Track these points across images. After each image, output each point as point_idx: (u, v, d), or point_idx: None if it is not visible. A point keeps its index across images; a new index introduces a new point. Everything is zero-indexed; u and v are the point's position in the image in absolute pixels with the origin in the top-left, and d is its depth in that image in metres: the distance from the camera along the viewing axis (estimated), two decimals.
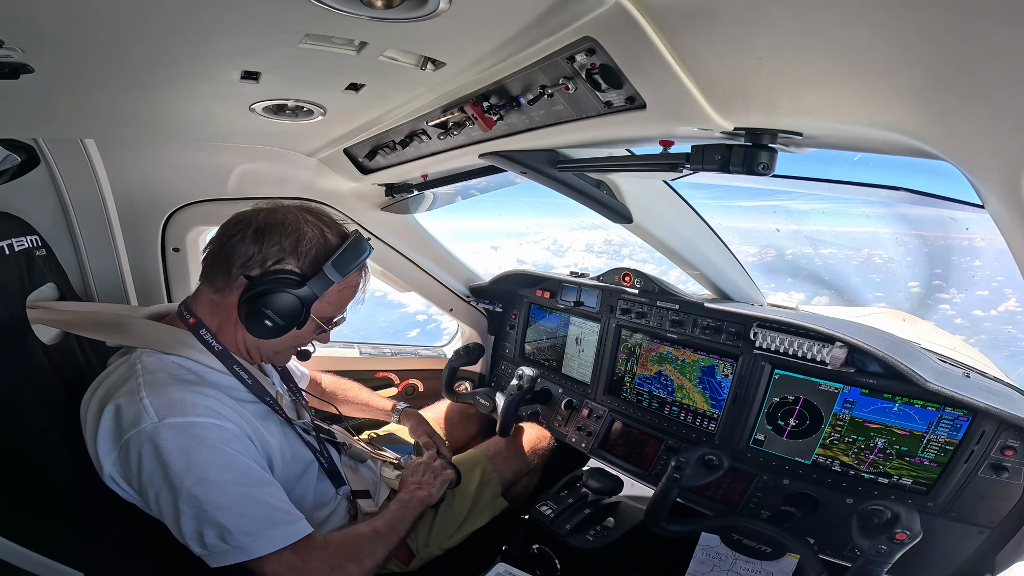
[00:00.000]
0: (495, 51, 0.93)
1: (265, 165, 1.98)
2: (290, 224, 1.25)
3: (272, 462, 1.28)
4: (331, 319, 1.38)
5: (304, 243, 1.25)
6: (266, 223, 1.25)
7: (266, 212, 1.27)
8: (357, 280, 1.37)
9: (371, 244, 1.35)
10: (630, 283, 2.06)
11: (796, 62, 0.72)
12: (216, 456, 1.11)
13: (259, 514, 1.11)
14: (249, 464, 1.16)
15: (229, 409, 1.19)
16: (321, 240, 1.27)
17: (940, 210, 1.38)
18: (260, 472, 1.17)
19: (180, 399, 1.13)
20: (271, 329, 1.23)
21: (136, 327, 1.28)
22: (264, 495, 1.14)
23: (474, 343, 2.52)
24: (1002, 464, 1.34)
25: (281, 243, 1.23)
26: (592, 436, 2.16)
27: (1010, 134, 0.63)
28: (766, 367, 1.72)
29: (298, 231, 1.25)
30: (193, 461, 1.07)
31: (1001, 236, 0.87)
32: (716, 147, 1.00)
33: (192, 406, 1.13)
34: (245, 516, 1.09)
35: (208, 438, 1.11)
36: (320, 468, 1.45)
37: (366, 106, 1.31)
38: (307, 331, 1.33)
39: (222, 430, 1.14)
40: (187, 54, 0.92)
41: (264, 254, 1.23)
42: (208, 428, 1.12)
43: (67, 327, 1.37)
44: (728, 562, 1.50)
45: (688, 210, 1.74)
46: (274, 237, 1.23)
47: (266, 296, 1.20)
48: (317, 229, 1.28)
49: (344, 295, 1.36)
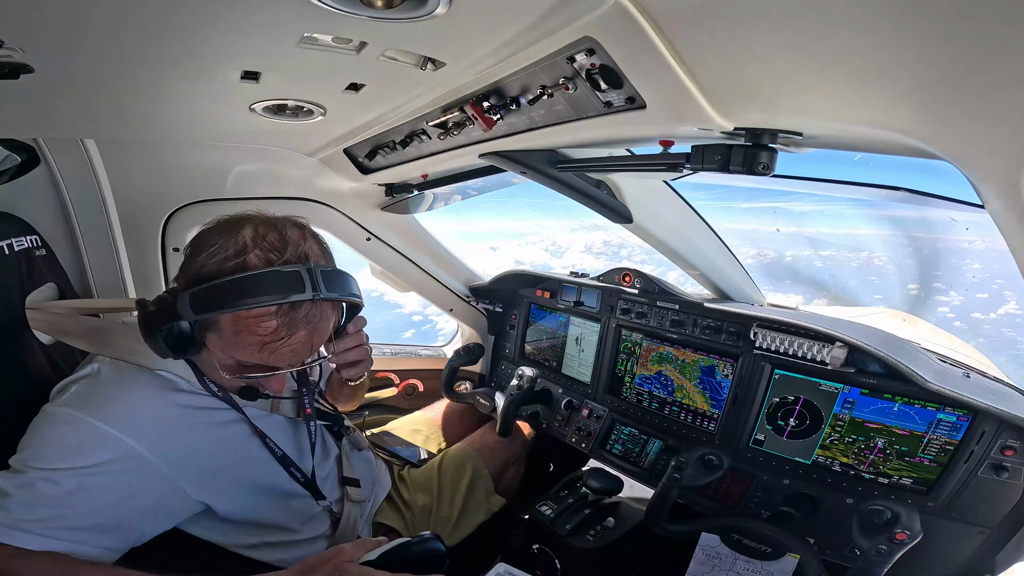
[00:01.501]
0: (495, 51, 0.93)
1: (265, 165, 1.98)
2: (215, 237, 1.10)
3: (218, 471, 1.22)
4: (245, 362, 1.12)
5: (205, 257, 1.08)
6: (202, 232, 1.14)
7: (217, 221, 1.15)
8: (271, 329, 1.06)
9: (319, 290, 1.08)
10: (630, 283, 2.06)
11: (796, 62, 0.72)
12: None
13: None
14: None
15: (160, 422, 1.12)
16: (219, 262, 1.06)
17: (940, 212, 1.38)
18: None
19: (104, 398, 1.09)
20: (161, 352, 1.09)
21: (119, 337, 1.23)
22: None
23: (474, 343, 2.53)
24: (1002, 464, 1.33)
25: (197, 254, 1.10)
26: (592, 436, 2.16)
27: (1010, 134, 0.63)
28: (766, 367, 1.72)
29: (217, 242, 1.08)
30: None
31: (1001, 238, 0.87)
32: (716, 147, 1.00)
33: (109, 412, 1.07)
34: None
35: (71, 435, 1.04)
36: (294, 480, 1.35)
37: (366, 106, 1.31)
38: (221, 365, 1.14)
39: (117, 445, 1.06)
40: (187, 54, 0.92)
41: (189, 263, 1.12)
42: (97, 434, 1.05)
43: (56, 332, 1.33)
44: (728, 562, 1.50)
45: (688, 210, 1.74)
46: (197, 245, 1.11)
47: (145, 316, 1.08)
48: (235, 248, 1.07)
49: (243, 339, 1.08)
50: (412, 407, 2.48)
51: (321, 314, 1.14)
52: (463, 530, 1.75)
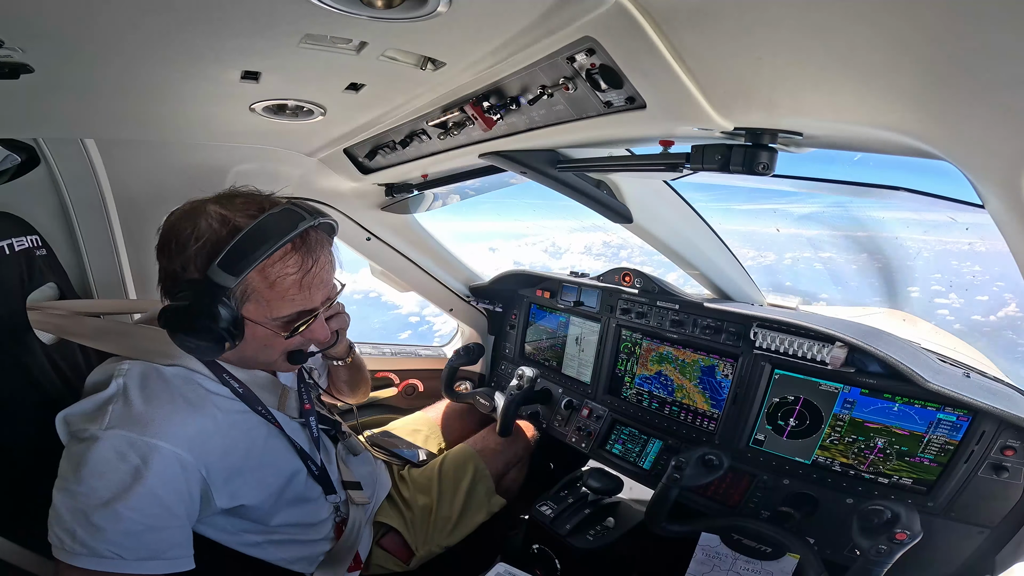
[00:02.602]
0: (495, 51, 0.93)
1: (265, 165, 1.97)
2: (186, 224, 1.08)
3: (259, 478, 1.22)
4: (287, 317, 1.15)
5: (194, 243, 1.06)
6: (165, 231, 1.10)
7: (172, 216, 1.12)
8: (295, 268, 1.10)
9: (310, 215, 1.10)
10: (630, 283, 2.06)
11: (796, 62, 0.72)
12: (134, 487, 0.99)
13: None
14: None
15: (206, 430, 1.11)
16: (214, 236, 1.06)
17: (940, 213, 1.37)
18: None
19: (145, 414, 1.04)
20: (204, 349, 1.09)
21: (131, 335, 1.23)
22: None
23: (474, 343, 2.53)
24: (1002, 464, 1.33)
25: (182, 249, 1.07)
26: (592, 436, 2.16)
27: (1010, 134, 0.63)
28: (766, 367, 1.72)
29: (192, 228, 1.06)
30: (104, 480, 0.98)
31: (1001, 239, 0.87)
32: (716, 147, 1.00)
33: (156, 422, 1.03)
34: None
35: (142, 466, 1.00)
36: (309, 475, 1.37)
37: (366, 106, 1.31)
38: (270, 337, 1.16)
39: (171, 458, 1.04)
40: (187, 54, 0.92)
41: (172, 265, 1.09)
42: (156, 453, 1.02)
43: (63, 333, 1.33)
44: (728, 562, 1.49)
45: (688, 210, 1.74)
46: (173, 243, 1.08)
47: (177, 314, 1.06)
48: (216, 221, 1.07)
49: (279, 289, 1.10)
50: (412, 407, 2.48)
51: (323, 239, 1.17)
52: (463, 530, 1.75)
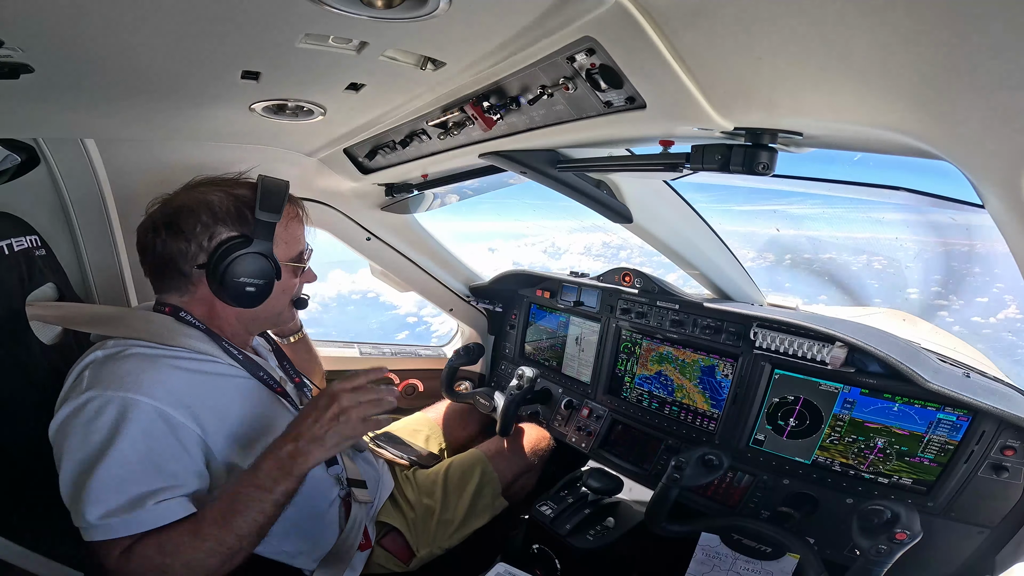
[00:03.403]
0: (495, 51, 0.93)
1: (265, 165, 1.95)
2: (191, 203, 1.24)
3: (254, 440, 1.23)
4: (298, 256, 1.38)
5: (218, 208, 1.24)
6: (169, 216, 1.24)
7: (160, 208, 1.27)
8: (295, 211, 1.38)
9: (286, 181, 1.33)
10: (630, 283, 2.06)
11: (796, 61, 0.72)
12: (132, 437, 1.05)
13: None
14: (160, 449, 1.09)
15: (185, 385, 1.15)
16: (231, 197, 1.26)
17: (940, 215, 1.37)
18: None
19: (128, 372, 1.10)
20: (259, 292, 1.25)
21: (127, 318, 1.27)
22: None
23: (474, 343, 2.53)
24: (1002, 464, 1.33)
25: (200, 220, 1.22)
26: (592, 436, 2.16)
27: (1010, 134, 0.63)
28: (766, 367, 1.72)
29: (204, 203, 1.24)
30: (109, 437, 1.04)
31: (1001, 240, 0.87)
32: (716, 147, 1.00)
33: (139, 382, 1.09)
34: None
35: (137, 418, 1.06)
36: None
37: (366, 106, 1.31)
38: (287, 279, 1.34)
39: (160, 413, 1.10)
40: (187, 53, 0.92)
41: (196, 239, 1.22)
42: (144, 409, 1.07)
43: (64, 322, 1.36)
44: (728, 562, 1.49)
45: (688, 210, 1.74)
46: (188, 221, 1.22)
47: (231, 267, 1.21)
48: (219, 192, 1.27)
49: (292, 228, 1.36)
50: (412, 407, 2.48)
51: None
52: (465, 532, 1.75)
